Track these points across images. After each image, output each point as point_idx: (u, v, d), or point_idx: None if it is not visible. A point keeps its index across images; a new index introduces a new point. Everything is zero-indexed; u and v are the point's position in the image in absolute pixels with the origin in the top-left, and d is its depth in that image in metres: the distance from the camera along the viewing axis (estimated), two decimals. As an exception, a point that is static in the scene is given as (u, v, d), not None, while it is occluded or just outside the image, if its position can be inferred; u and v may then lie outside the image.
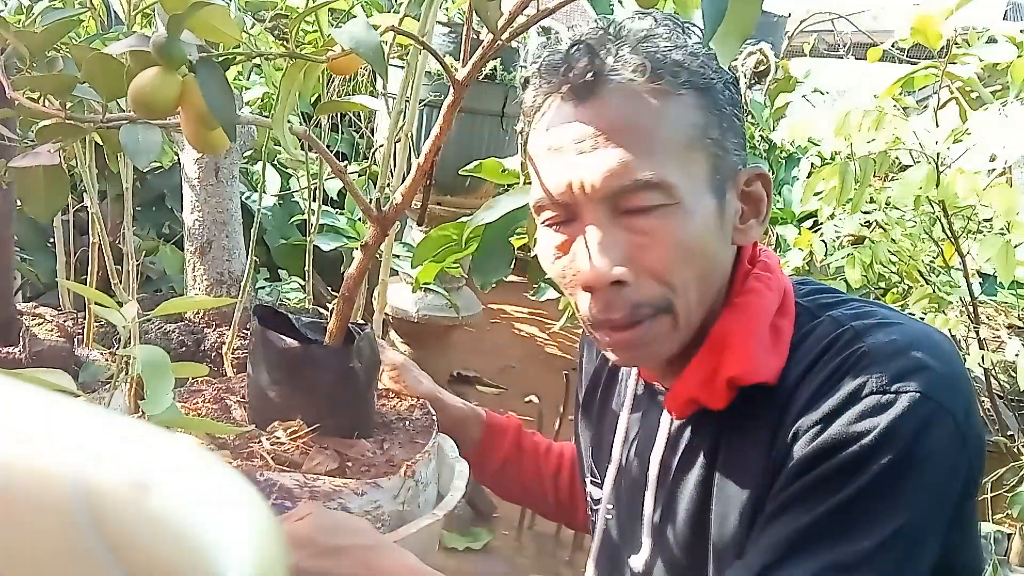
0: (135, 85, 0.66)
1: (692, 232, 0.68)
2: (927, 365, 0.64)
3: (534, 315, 3.92)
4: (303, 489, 0.87)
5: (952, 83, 1.77)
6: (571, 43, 0.69)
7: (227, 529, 0.23)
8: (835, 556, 0.62)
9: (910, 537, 0.62)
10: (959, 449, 0.64)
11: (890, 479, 0.61)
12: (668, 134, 0.67)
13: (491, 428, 1.04)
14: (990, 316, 2.11)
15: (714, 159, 0.69)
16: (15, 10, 1.27)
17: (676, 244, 0.67)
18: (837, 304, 0.72)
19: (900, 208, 1.96)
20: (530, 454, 1.05)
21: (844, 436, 0.63)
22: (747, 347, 0.69)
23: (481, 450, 1.03)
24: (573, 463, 1.05)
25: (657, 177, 0.66)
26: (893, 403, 0.62)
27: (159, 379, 0.68)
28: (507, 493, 1.09)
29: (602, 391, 0.90)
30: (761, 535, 0.66)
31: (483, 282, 1.66)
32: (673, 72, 0.67)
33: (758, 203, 0.73)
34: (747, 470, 0.70)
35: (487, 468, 1.04)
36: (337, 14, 1.92)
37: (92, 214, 1.47)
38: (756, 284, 0.72)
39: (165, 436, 0.25)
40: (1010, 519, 1.72)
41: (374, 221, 0.87)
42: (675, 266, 0.68)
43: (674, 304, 0.69)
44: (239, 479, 0.25)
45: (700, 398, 0.71)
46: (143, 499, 0.22)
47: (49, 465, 0.22)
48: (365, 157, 3.35)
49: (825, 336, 0.68)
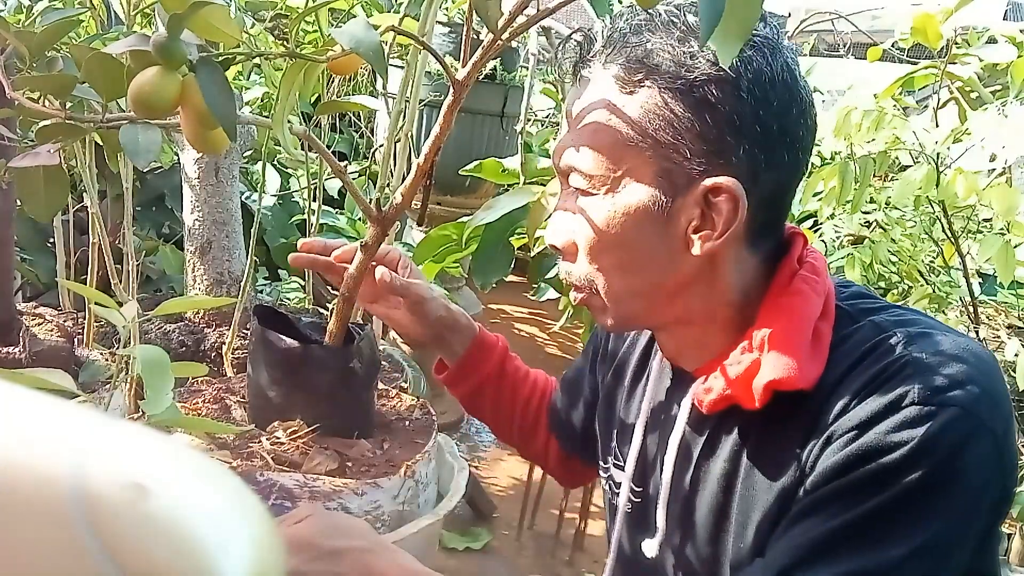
0: (135, 85, 0.66)
1: (611, 222, 0.71)
2: (971, 379, 0.62)
3: (534, 315, 3.92)
4: (303, 489, 0.87)
5: (952, 83, 1.77)
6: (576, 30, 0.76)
7: (224, 531, 0.23)
8: (862, 563, 0.61)
9: (938, 551, 0.61)
10: (995, 467, 0.63)
11: (923, 491, 0.61)
12: (609, 128, 0.70)
13: (480, 344, 1.03)
14: (990, 316, 2.11)
15: (661, 160, 0.68)
16: (15, 10, 1.27)
17: (593, 228, 0.72)
18: (879, 309, 0.71)
19: (900, 208, 1.96)
20: (510, 378, 1.06)
21: (881, 444, 0.62)
22: (790, 352, 0.67)
23: (464, 364, 1.03)
24: (544, 393, 1.08)
25: (580, 165, 0.72)
26: (934, 415, 0.61)
27: (159, 379, 0.68)
28: (475, 410, 1.09)
29: (630, 375, 0.90)
30: (785, 535, 0.66)
31: (483, 282, 1.66)
32: (629, 69, 0.68)
33: (715, 219, 0.69)
34: (775, 470, 0.69)
35: (466, 383, 1.05)
36: (337, 14, 1.92)
37: (92, 214, 1.47)
38: (802, 286, 0.71)
39: (162, 438, 0.25)
40: (1010, 519, 1.71)
41: (374, 221, 0.87)
42: (592, 250, 0.73)
43: (596, 286, 0.75)
44: (236, 481, 0.25)
45: (736, 396, 0.70)
46: (140, 501, 0.22)
47: (46, 467, 0.22)
48: (365, 157, 3.35)
49: (866, 341, 0.67)
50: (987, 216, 1.78)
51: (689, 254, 0.70)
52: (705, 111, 0.66)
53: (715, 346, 0.74)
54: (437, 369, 1.07)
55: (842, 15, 3.79)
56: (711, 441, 0.75)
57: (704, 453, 0.76)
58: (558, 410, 1.05)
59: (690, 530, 0.77)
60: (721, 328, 0.74)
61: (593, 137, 0.71)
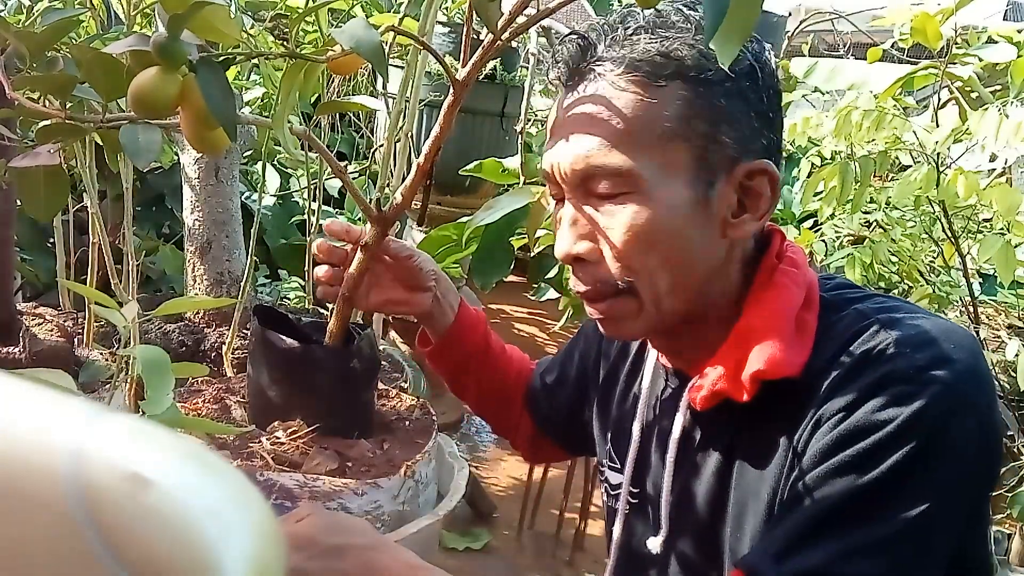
0: (135, 85, 0.66)
1: (655, 220, 0.70)
2: (953, 358, 0.64)
3: (534, 315, 3.93)
4: (303, 489, 0.87)
5: (952, 83, 1.77)
6: (569, 33, 0.74)
7: (225, 523, 0.23)
8: (853, 541, 0.62)
9: (928, 526, 0.62)
10: (981, 442, 0.64)
11: (911, 468, 0.62)
12: (640, 124, 0.69)
13: (464, 316, 1.01)
14: (990, 316, 2.11)
15: (699, 151, 0.70)
16: (15, 10, 1.27)
17: (635, 230, 0.70)
18: (862, 299, 0.73)
19: (900, 208, 1.96)
20: (494, 350, 1.05)
21: (867, 424, 0.63)
22: (773, 342, 0.69)
23: (451, 334, 1.00)
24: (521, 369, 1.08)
25: (617, 166, 0.69)
26: (918, 393, 0.62)
27: (159, 379, 0.68)
28: (459, 386, 1.06)
29: (624, 377, 0.90)
30: (779, 520, 0.67)
31: (483, 282, 1.67)
32: (657, 64, 0.69)
33: (757, 199, 0.73)
34: (767, 459, 0.70)
35: (452, 355, 1.02)
36: (337, 14, 1.93)
37: (92, 214, 1.47)
38: (783, 279, 0.73)
39: (163, 431, 0.25)
40: (1010, 519, 1.71)
41: (374, 221, 0.87)
42: (634, 251, 0.71)
43: (636, 287, 0.72)
44: (237, 474, 0.25)
45: (725, 391, 0.71)
46: (140, 494, 0.22)
47: (46, 459, 0.22)
48: (365, 157, 3.35)
49: (850, 328, 0.69)
50: (987, 216, 1.78)
51: (722, 241, 0.73)
52: (735, 99, 0.70)
53: (712, 342, 0.75)
54: (421, 342, 1.04)
55: (842, 15, 3.79)
56: (706, 437, 0.77)
57: (700, 449, 0.77)
58: (539, 393, 1.05)
59: (689, 526, 0.78)
60: (718, 323, 0.75)
61: (624, 135, 0.69)
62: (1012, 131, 1.39)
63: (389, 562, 0.73)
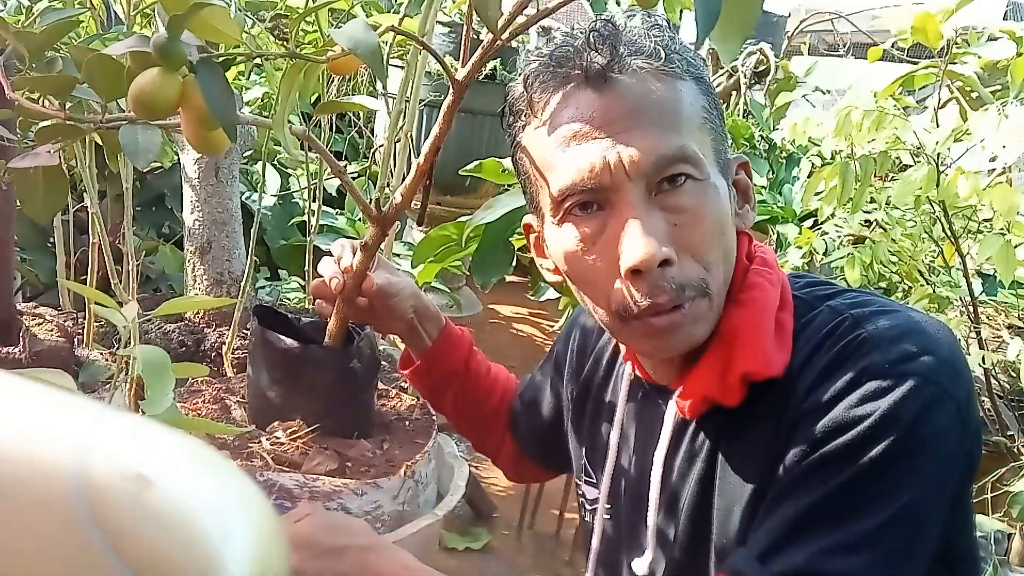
0: (135, 86, 0.66)
1: (719, 208, 0.70)
2: (929, 349, 0.64)
3: (534, 315, 3.92)
4: (303, 489, 0.87)
5: (952, 83, 1.77)
6: (583, 34, 0.70)
7: (227, 522, 0.23)
8: (837, 537, 0.62)
9: (912, 519, 0.62)
10: (960, 433, 0.64)
11: (892, 461, 0.62)
12: (687, 113, 0.69)
13: (448, 336, 1.00)
14: (990, 316, 2.11)
15: (716, 143, 0.72)
16: (15, 10, 1.27)
17: (709, 220, 0.69)
18: (834, 295, 0.73)
19: (900, 208, 1.96)
20: (474, 372, 1.04)
21: (846, 419, 0.63)
22: (759, 342, 0.69)
23: (433, 355, 1.00)
24: (506, 390, 1.06)
25: (691, 148, 0.68)
26: (895, 386, 0.62)
27: (159, 379, 0.68)
28: (438, 403, 1.06)
29: (596, 391, 0.89)
30: (763, 521, 0.67)
31: (483, 282, 1.67)
32: (678, 59, 0.70)
33: (746, 190, 0.76)
34: (749, 463, 0.70)
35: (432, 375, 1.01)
36: (337, 14, 1.93)
37: (92, 214, 1.47)
38: (758, 279, 0.73)
39: (166, 430, 0.25)
40: (1010, 519, 1.71)
41: (374, 221, 0.87)
42: (710, 243, 0.69)
43: (708, 284, 0.69)
44: (239, 473, 0.25)
45: (714, 396, 0.71)
46: (144, 492, 0.22)
47: (49, 458, 0.22)
48: (365, 157, 3.35)
49: (825, 325, 0.69)
50: (987, 216, 1.78)
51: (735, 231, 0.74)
52: (716, 98, 0.74)
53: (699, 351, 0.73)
54: (402, 364, 1.03)
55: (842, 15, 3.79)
56: (691, 447, 0.75)
57: (684, 464, 0.76)
58: (519, 414, 1.04)
59: (676, 541, 0.77)
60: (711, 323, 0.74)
61: (682, 121, 0.68)
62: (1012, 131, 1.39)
63: (387, 563, 0.73)
